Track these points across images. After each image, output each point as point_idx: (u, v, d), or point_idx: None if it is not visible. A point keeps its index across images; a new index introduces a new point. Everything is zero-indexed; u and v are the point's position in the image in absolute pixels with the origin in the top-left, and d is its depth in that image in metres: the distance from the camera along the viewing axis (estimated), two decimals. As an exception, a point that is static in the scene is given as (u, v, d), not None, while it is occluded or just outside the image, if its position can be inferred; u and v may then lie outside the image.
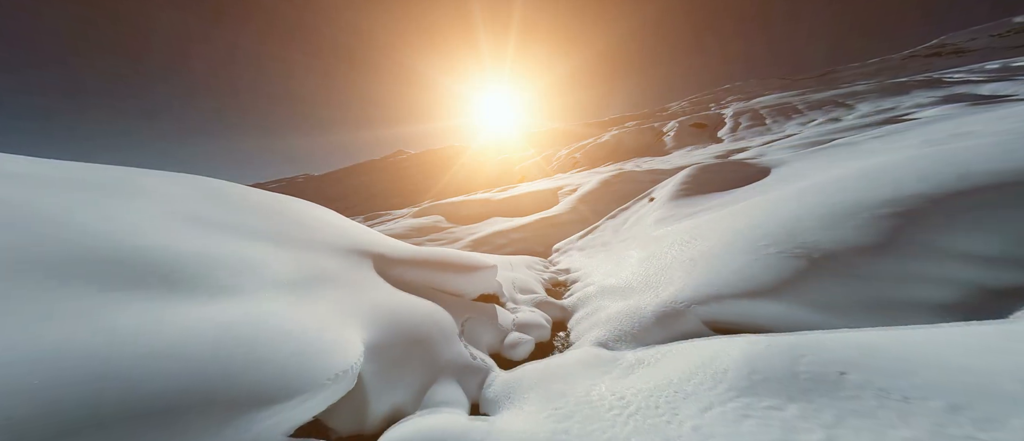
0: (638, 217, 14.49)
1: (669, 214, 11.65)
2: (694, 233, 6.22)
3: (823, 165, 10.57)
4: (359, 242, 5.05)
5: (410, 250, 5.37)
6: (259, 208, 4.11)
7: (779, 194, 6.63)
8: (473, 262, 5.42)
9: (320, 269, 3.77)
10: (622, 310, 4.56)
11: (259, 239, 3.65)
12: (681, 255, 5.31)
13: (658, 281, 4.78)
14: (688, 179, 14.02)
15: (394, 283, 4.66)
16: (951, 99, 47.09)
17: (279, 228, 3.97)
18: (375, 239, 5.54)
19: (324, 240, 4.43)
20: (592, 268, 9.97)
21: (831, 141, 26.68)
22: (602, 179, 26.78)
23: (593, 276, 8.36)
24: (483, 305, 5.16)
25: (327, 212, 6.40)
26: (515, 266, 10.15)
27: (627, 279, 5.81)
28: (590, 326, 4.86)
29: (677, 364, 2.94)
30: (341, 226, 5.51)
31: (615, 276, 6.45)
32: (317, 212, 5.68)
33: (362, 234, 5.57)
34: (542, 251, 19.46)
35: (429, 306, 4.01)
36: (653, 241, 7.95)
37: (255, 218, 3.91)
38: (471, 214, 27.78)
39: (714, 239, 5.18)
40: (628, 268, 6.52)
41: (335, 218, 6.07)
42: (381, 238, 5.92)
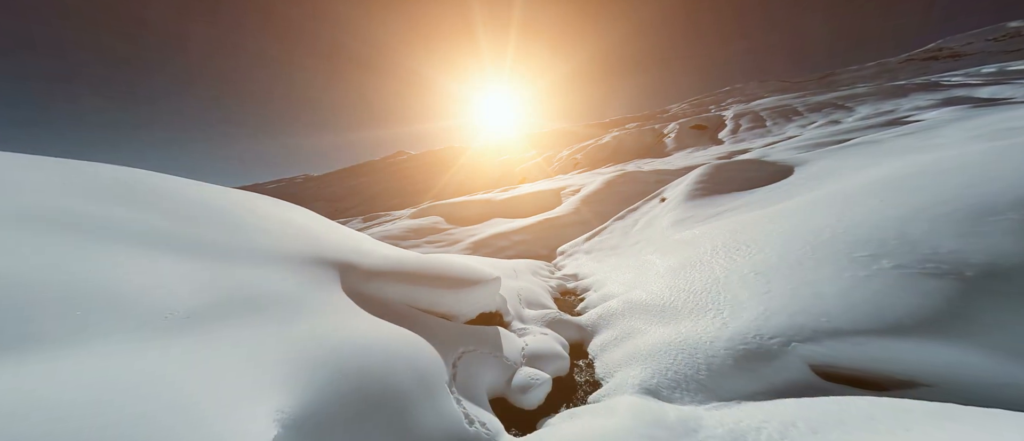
0: (649, 218, 13.25)
1: (687, 215, 10.42)
2: (738, 238, 5.02)
3: (862, 162, 9.35)
4: (326, 249, 3.83)
5: (392, 260, 4.16)
6: (174, 205, 2.89)
7: (837, 192, 5.44)
8: (471, 275, 4.20)
9: (248, 290, 2.56)
10: (670, 341, 3.35)
11: (158, 247, 2.44)
12: (735, 266, 4.10)
13: (715, 301, 3.58)
14: (703, 178, 12.79)
15: (367, 304, 3.45)
16: (950, 102, 46.15)
17: (196, 232, 2.75)
18: (349, 245, 4.31)
19: (270, 248, 3.21)
20: (605, 275, 8.72)
21: (845, 141, 25.53)
22: (606, 179, 25.56)
23: (610, 285, 7.13)
24: (483, 331, 3.95)
25: (295, 211, 5.17)
26: (519, 273, 8.91)
27: (661, 294, 4.59)
28: (625, 359, 3.65)
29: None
30: (307, 229, 4.29)
31: (642, 288, 5.24)
32: (277, 211, 4.45)
33: (334, 239, 4.35)
34: (546, 254, 18.19)
35: (406, 340, 2.80)
36: (680, 246, 6.73)
37: (161, 217, 2.70)
38: (471, 215, 26.52)
39: (775, 247, 3.99)
40: (657, 278, 5.30)
41: (303, 218, 4.85)
42: (359, 244, 4.69)
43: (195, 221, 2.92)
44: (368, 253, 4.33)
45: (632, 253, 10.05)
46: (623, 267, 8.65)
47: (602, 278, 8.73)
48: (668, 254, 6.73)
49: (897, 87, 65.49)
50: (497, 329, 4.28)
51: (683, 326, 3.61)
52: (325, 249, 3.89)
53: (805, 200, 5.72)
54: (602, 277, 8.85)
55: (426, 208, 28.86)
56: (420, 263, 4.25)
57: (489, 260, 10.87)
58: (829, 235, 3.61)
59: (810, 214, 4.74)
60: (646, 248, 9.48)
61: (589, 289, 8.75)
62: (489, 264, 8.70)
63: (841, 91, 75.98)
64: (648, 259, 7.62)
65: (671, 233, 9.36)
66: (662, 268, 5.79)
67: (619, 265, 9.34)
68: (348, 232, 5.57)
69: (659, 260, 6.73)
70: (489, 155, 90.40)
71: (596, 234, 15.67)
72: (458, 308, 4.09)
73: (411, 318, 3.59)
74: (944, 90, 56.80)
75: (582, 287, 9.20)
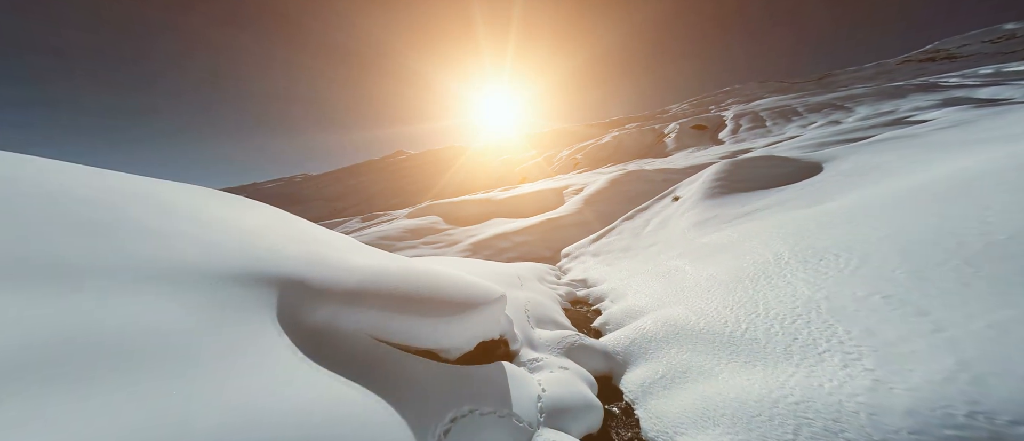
0: (663, 219, 12.10)
1: (709, 215, 9.28)
2: (809, 243, 3.86)
3: (910, 156, 8.22)
4: (268, 261, 2.68)
5: (364, 274, 3.00)
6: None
7: (912, 188, 4.35)
8: (469, 295, 3.03)
9: (100, 332, 1.44)
10: (766, 396, 2.21)
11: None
12: (832, 283, 2.93)
13: (829, 337, 2.42)
14: (721, 175, 11.64)
15: (313, 341, 2.31)
16: (949, 102, 45.41)
17: (21, 239, 1.64)
18: (308, 255, 3.16)
19: (160, 262, 2.07)
20: (622, 282, 7.56)
21: (847, 141, 24.52)
22: (610, 178, 24.43)
23: (632, 296, 5.98)
24: (483, 374, 2.79)
25: (242, 208, 3.99)
26: (524, 280, 7.74)
27: (717, 315, 3.44)
28: (691, 415, 2.51)
29: None
30: (247, 233, 3.13)
31: (682, 304, 4.09)
32: (197, 206, 3.26)
33: (289, 246, 3.19)
34: (550, 256, 17.03)
35: (362, 419, 1.67)
36: (716, 251, 5.60)
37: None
38: (471, 215, 25.34)
39: (888, 257, 2.85)
40: (703, 293, 4.15)
41: (254, 219, 3.68)
42: (325, 252, 3.52)
43: (21, 222, 1.79)
44: (332, 264, 3.16)
45: (649, 257, 8.89)
46: (642, 273, 7.49)
47: (618, 286, 7.57)
48: (702, 261, 5.59)
49: (895, 88, 64.87)
50: (503, 367, 3.12)
51: (783, 373, 2.45)
52: (266, 261, 2.72)
53: (877, 198, 4.60)
54: (618, 284, 7.69)
55: (424, 208, 27.66)
56: (402, 279, 3.08)
57: (489, 264, 9.68)
58: (979, 245, 2.48)
59: (905, 213, 3.63)
60: (667, 252, 8.32)
61: (603, 298, 7.59)
62: (490, 272, 7.52)
63: (840, 92, 75.32)
64: (675, 266, 6.47)
65: (695, 235, 8.20)
66: (702, 279, 4.65)
67: (636, 270, 8.18)
68: (318, 235, 4.37)
69: (691, 268, 5.59)
70: (489, 155, 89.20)
71: (603, 235, 14.50)
72: (450, 340, 2.93)
73: (379, 362, 2.45)
74: (942, 91, 56.09)
75: (595, 296, 8.04)
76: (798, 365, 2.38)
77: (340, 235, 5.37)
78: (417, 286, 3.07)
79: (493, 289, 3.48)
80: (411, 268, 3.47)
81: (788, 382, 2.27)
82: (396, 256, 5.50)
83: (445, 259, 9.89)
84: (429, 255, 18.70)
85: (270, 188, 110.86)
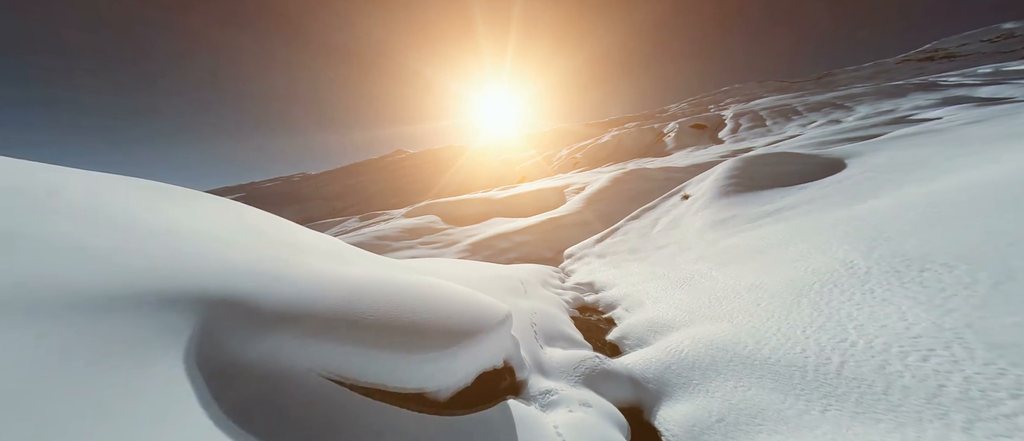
0: (673, 218, 11.40)
1: (727, 214, 8.58)
2: (891, 251, 3.12)
3: (944, 153, 7.54)
4: (198, 271, 1.97)
5: (336, 288, 2.29)
6: None
7: (970, 186, 3.67)
8: (465, 319, 2.29)
9: None
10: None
11: None
12: (965, 310, 2.17)
13: (1011, 391, 1.68)
14: (735, 173, 10.94)
15: (246, 387, 1.62)
16: (950, 101, 44.97)
17: None
18: (266, 264, 2.45)
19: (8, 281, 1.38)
20: (635, 287, 6.86)
21: (850, 140, 23.90)
22: (613, 177, 23.72)
23: (650, 305, 5.27)
24: (483, 424, 2.09)
25: (194, 205, 3.27)
26: (528, 285, 7.02)
27: (786, 339, 2.68)
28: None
29: None
30: (187, 233, 2.43)
31: (723, 319, 3.39)
32: (134, 202, 2.56)
33: (234, 251, 2.47)
34: (552, 257, 16.31)
35: None
36: (747, 255, 4.91)
37: None
38: (470, 214, 24.60)
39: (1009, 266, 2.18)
40: (744, 306, 3.44)
41: (205, 218, 2.97)
42: (298, 257, 2.80)
43: None
44: (295, 277, 2.44)
45: (662, 259, 8.19)
46: (658, 278, 6.78)
47: (631, 291, 6.86)
48: (731, 266, 4.90)
49: (895, 87, 64.52)
50: (508, 412, 2.39)
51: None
52: (194, 275, 1.99)
53: (954, 194, 3.89)
54: (631, 290, 6.98)
55: (422, 207, 26.90)
56: (383, 296, 2.36)
57: (489, 267, 8.95)
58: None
59: (988, 214, 2.95)
60: (683, 254, 7.61)
61: (616, 305, 6.87)
62: (490, 276, 6.79)
63: (839, 91, 74.99)
64: (697, 270, 5.76)
65: (715, 236, 7.50)
66: (739, 288, 3.94)
67: (649, 274, 7.47)
68: (293, 238, 3.64)
69: (720, 274, 4.89)
70: (488, 155, 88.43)
71: (608, 235, 13.79)
72: (443, 378, 2.21)
73: (342, 419, 1.74)
74: (942, 90, 55.69)
75: (605, 302, 7.32)
76: (968, 432, 1.64)
77: (326, 238, 4.64)
78: (403, 306, 2.35)
79: (497, 308, 2.76)
80: (397, 282, 2.74)
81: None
82: (389, 261, 4.75)
83: (442, 261, 9.16)
84: (427, 256, 17.97)
85: (268, 187, 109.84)
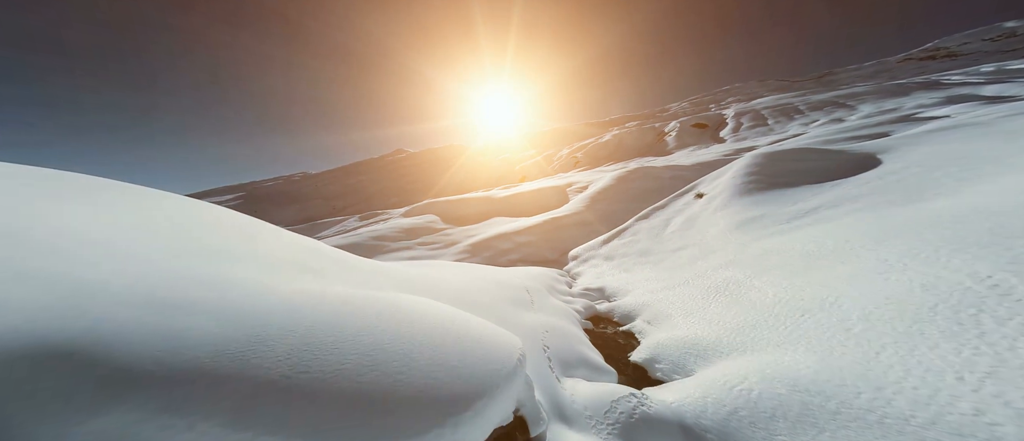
0: (688, 218, 10.58)
1: (753, 214, 7.77)
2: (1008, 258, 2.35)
3: (988, 147, 6.73)
4: (34, 294, 1.18)
5: (249, 321, 1.51)
6: None
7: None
8: (460, 380, 1.46)
9: None
10: None
11: None
12: None
13: None
14: (754, 170, 10.11)
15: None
16: (955, 100, 44.17)
17: None
18: (158, 275, 1.64)
19: None
20: (655, 295, 6.05)
21: (854, 138, 23.10)
22: (617, 176, 22.89)
23: (679, 318, 4.45)
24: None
25: (70, 193, 2.45)
26: (533, 293, 6.20)
27: (935, 390, 1.82)
28: None
29: None
30: (24, 238, 1.62)
31: (800, 346, 2.59)
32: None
33: (107, 266, 1.65)
34: (555, 259, 15.50)
35: None
36: (801, 261, 4.11)
37: None
38: (470, 214, 23.77)
39: None
40: (825, 329, 2.63)
41: (62, 211, 2.15)
42: (212, 267, 1.98)
43: None
44: (194, 307, 1.60)
45: (680, 263, 7.37)
46: (680, 285, 5.96)
47: (650, 300, 6.04)
48: (775, 274, 4.11)
49: (898, 86, 63.82)
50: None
51: None
52: (31, 302, 1.16)
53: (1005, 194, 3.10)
54: (650, 299, 6.16)
55: (421, 206, 26.06)
56: (341, 338, 1.54)
57: (490, 271, 8.11)
58: None
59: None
60: (706, 258, 6.78)
61: (634, 316, 6.05)
62: (491, 282, 5.96)
63: (841, 90, 74.24)
64: (730, 278, 4.96)
65: (744, 239, 6.68)
66: (806, 304, 3.13)
67: (667, 280, 6.65)
68: (228, 239, 2.79)
69: (765, 285, 4.10)
70: (488, 154, 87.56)
71: (616, 236, 12.95)
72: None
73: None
74: (946, 89, 54.91)
75: (621, 312, 6.49)
76: None
77: (293, 241, 3.80)
78: (370, 359, 1.53)
79: (505, 349, 1.95)
80: (366, 312, 1.90)
81: None
82: (373, 268, 3.89)
83: (438, 266, 8.33)
84: (425, 257, 17.14)
85: (269, 186, 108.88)
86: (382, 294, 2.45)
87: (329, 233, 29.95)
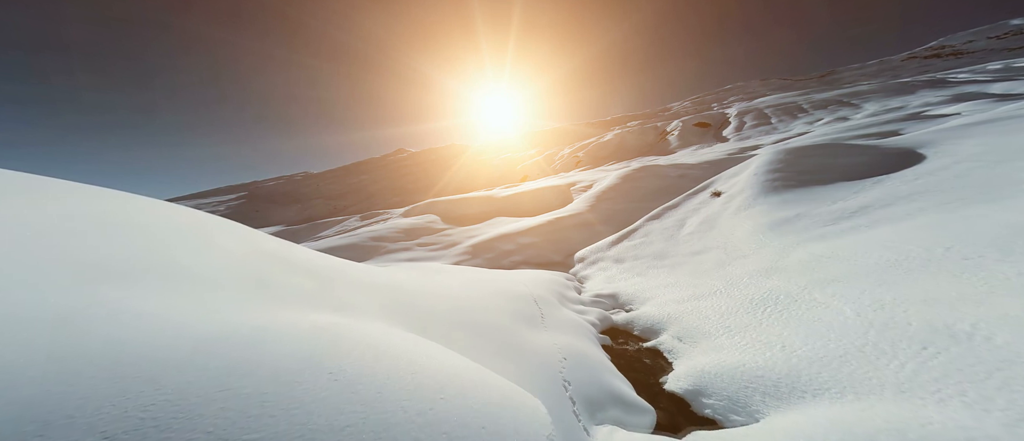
0: (705, 218, 9.80)
1: (787, 213, 6.98)
2: None
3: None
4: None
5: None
6: None
7: None
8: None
9: None
10: None
11: None
12: None
13: None
14: (778, 166, 9.31)
15: None
16: (962, 98, 43.24)
17: None
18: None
19: None
20: (681, 306, 5.28)
21: (861, 136, 22.29)
22: (622, 174, 22.09)
23: (724, 339, 3.70)
24: None
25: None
26: (543, 306, 5.43)
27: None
28: None
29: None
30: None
31: (961, 404, 1.84)
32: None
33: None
34: (561, 261, 14.72)
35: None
36: (877, 273, 3.34)
37: None
38: (471, 213, 23.01)
39: None
40: (997, 378, 1.88)
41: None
42: (70, 293, 1.20)
43: None
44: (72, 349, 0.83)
45: (705, 269, 6.58)
46: (711, 294, 5.18)
47: (676, 311, 5.26)
48: (840, 285, 3.34)
49: (902, 84, 62.89)
50: None
51: None
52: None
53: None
54: (675, 310, 5.38)
55: (421, 206, 25.31)
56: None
57: (492, 277, 7.34)
58: None
59: None
60: (735, 263, 5.99)
61: (659, 329, 5.26)
62: (494, 291, 5.20)
63: (845, 88, 73.27)
64: (776, 288, 4.19)
65: (781, 242, 5.89)
66: (923, 329, 2.37)
67: (692, 288, 5.87)
68: (169, 240, 2.01)
69: (829, 299, 3.33)
70: (489, 154, 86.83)
71: (625, 237, 12.15)
72: None
73: None
74: (953, 87, 53.95)
75: (643, 324, 5.70)
76: None
77: (266, 248, 3.04)
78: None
79: (532, 421, 1.20)
80: (327, 392, 1.12)
81: None
82: (359, 275, 3.15)
83: (433, 271, 7.57)
84: (424, 258, 16.38)
85: (271, 186, 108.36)
86: (358, 332, 1.69)
87: (330, 233, 29.25)
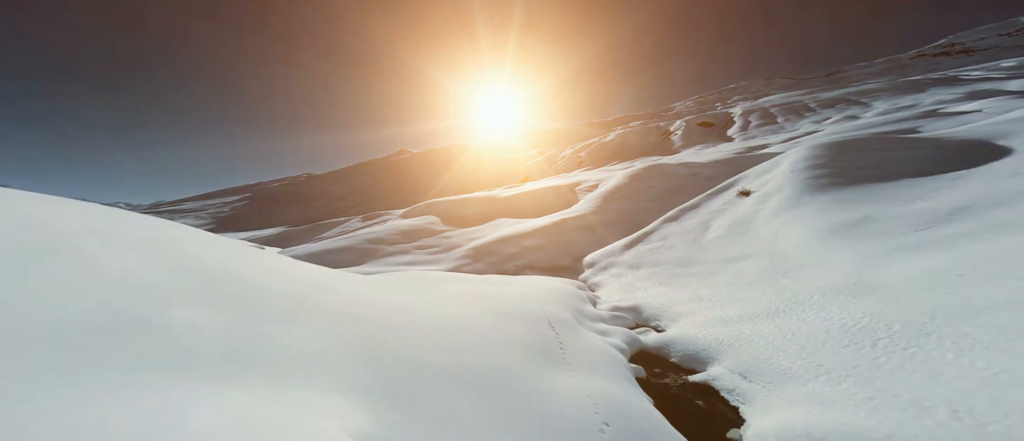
0: (735, 220, 8.67)
1: (851, 216, 5.84)
2: None
3: None
4: None
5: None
6: None
7: None
8: None
9: None
10: None
11: None
12: None
13: None
14: (820, 163, 8.16)
15: None
16: (978, 95, 41.63)
17: None
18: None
19: None
20: (731, 331, 4.18)
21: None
22: (630, 173, 20.96)
23: (827, 389, 2.60)
24: None
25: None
26: (560, 329, 4.35)
27: None
28: None
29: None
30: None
31: None
32: None
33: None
34: (568, 265, 13.59)
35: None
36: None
37: None
38: (472, 214, 21.95)
39: None
40: None
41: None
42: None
43: None
44: None
45: (750, 280, 5.47)
46: (769, 315, 4.09)
47: (727, 337, 4.16)
48: (997, 315, 2.26)
49: (912, 82, 61.15)
50: None
51: None
52: None
53: None
54: (725, 335, 4.27)
55: (421, 207, 24.25)
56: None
57: (497, 297, 6.25)
58: None
59: None
60: (792, 276, 4.87)
61: (707, 359, 4.16)
62: (498, 309, 4.13)
63: (852, 87, 71.65)
64: (885, 316, 3.12)
65: (854, 252, 4.77)
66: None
67: (741, 307, 4.77)
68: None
69: (980, 335, 2.24)
70: (491, 154, 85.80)
71: (639, 240, 11.00)
72: None
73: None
74: (966, 84, 52.24)
75: (681, 350, 4.59)
76: None
77: (203, 258, 1.97)
78: None
79: None
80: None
81: None
82: (342, 304, 2.11)
83: (431, 277, 6.48)
84: (423, 262, 15.31)
85: (274, 188, 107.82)
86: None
87: (331, 234, 28.32)
